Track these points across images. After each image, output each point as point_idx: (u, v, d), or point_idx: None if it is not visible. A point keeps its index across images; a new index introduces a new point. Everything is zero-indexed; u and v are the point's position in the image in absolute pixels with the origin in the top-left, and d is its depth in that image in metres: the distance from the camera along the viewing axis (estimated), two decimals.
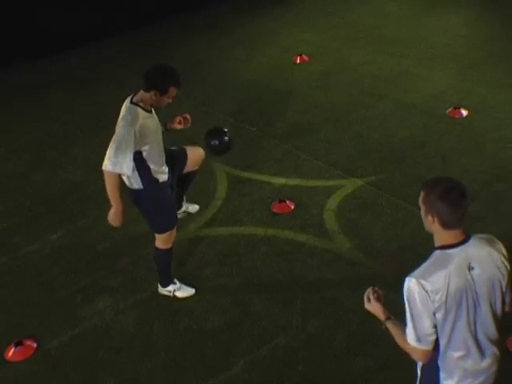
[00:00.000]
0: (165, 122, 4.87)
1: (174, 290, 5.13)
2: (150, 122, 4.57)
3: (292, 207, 6.06)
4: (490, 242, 2.95)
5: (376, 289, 3.15)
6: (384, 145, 6.95)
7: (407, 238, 5.56)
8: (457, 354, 2.93)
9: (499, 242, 2.99)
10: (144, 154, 4.54)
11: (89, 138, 7.49)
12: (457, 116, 7.34)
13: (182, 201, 5.76)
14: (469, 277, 2.84)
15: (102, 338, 4.84)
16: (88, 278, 5.43)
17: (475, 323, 2.91)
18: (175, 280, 5.15)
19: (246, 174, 6.62)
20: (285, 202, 6.09)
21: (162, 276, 5.13)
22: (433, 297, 2.80)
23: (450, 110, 7.42)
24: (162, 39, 10.03)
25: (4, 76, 9.06)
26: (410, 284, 2.83)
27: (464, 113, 7.36)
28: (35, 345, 4.79)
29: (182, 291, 5.14)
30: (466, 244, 2.87)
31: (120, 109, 4.64)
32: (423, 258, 3.06)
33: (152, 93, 4.49)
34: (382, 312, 3.09)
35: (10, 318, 5.10)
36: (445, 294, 2.81)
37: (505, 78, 8.09)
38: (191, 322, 4.92)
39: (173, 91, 4.53)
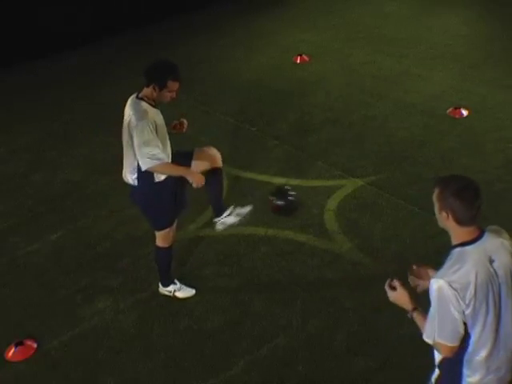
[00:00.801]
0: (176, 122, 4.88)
1: (175, 291, 5.14)
2: (156, 115, 4.59)
3: None
4: (499, 233, 3.02)
5: (398, 278, 3.10)
6: (384, 145, 6.95)
7: (407, 237, 5.56)
8: (483, 350, 2.93)
9: (505, 231, 3.05)
10: None
11: (89, 138, 7.49)
12: (457, 116, 7.34)
13: (220, 205, 5.31)
14: (491, 270, 2.88)
15: (102, 338, 4.84)
16: (88, 278, 5.43)
17: (499, 316, 2.92)
18: (175, 280, 5.16)
19: (246, 174, 6.62)
20: None
21: (162, 275, 5.13)
22: (462, 294, 2.81)
23: (450, 109, 7.42)
24: (162, 39, 10.03)
25: (4, 76, 9.06)
26: (439, 285, 2.83)
27: (464, 113, 7.36)
28: (35, 345, 4.80)
29: (183, 291, 5.15)
30: (483, 239, 2.92)
31: (120, 109, 4.66)
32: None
33: (152, 87, 4.52)
34: (410, 300, 3.06)
35: (10, 318, 5.10)
36: (473, 289, 2.82)
37: (505, 78, 8.09)
38: (191, 322, 4.92)
39: (172, 85, 4.53)
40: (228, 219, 5.29)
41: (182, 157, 4.88)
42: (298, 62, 9.02)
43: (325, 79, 8.49)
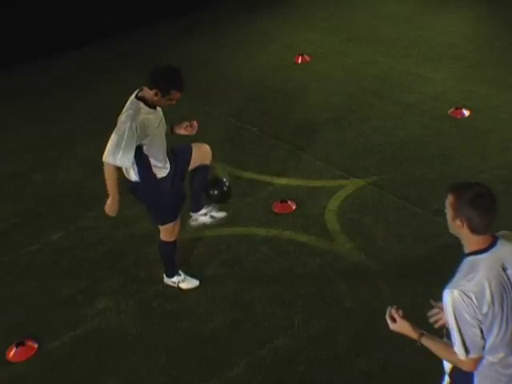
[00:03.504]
0: (171, 124, 4.89)
1: (179, 282, 5.19)
2: (153, 117, 4.61)
3: (293, 207, 6.05)
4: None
5: (396, 307, 3.03)
6: (385, 145, 6.94)
7: (409, 237, 5.54)
8: (494, 359, 2.87)
9: None
10: (144, 148, 4.60)
11: (89, 138, 7.47)
12: (459, 116, 7.33)
13: (200, 201, 5.28)
14: (505, 278, 2.82)
15: (103, 338, 4.83)
16: (89, 279, 5.42)
17: None
18: (180, 272, 5.20)
19: (247, 174, 6.61)
20: (286, 202, 6.07)
21: (167, 267, 5.19)
22: (479, 304, 2.74)
23: (451, 110, 7.40)
24: (163, 39, 10.01)
25: (4, 76, 9.05)
26: (454, 296, 2.74)
27: (466, 113, 7.35)
28: (36, 345, 4.78)
29: (187, 283, 5.19)
30: (496, 246, 2.85)
31: (120, 109, 4.68)
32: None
33: (154, 91, 4.54)
34: (413, 329, 2.97)
35: (11, 319, 5.09)
36: (490, 298, 2.75)
37: (506, 77, 8.07)
38: (192, 322, 4.91)
39: (174, 94, 4.57)
40: (202, 218, 5.31)
41: (182, 151, 4.97)
42: (299, 61, 9.00)
43: (326, 79, 8.48)
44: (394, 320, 3.02)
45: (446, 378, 3.11)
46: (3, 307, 5.22)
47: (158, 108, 4.69)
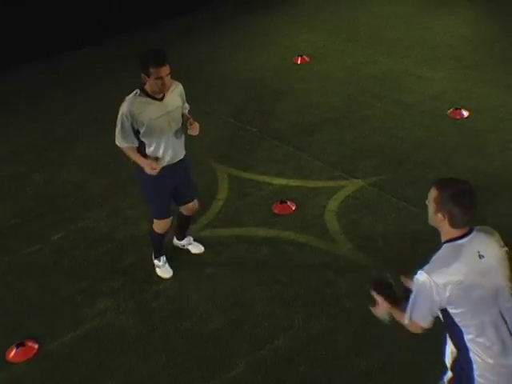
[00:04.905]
0: (187, 117, 4.90)
1: (157, 266, 5.36)
2: (153, 107, 4.64)
3: (293, 208, 6.06)
4: (490, 232, 3.08)
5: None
6: (385, 145, 6.94)
7: (408, 238, 5.55)
8: (491, 352, 2.96)
9: (495, 232, 3.11)
10: (140, 134, 4.71)
11: (89, 138, 7.49)
12: (458, 116, 7.34)
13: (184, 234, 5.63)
14: (480, 265, 2.92)
15: (103, 338, 4.84)
16: (89, 279, 5.42)
17: (502, 311, 2.95)
18: (162, 258, 5.34)
19: (246, 175, 6.62)
20: (286, 202, 6.08)
21: (153, 249, 5.37)
22: (444, 289, 2.86)
23: (451, 110, 7.41)
24: (163, 40, 10.00)
25: (5, 76, 9.05)
26: (422, 278, 2.91)
27: (465, 113, 7.35)
28: (36, 346, 4.79)
29: (161, 270, 5.35)
30: (471, 235, 2.97)
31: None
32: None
33: (143, 76, 4.58)
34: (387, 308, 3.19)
35: (11, 319, 5.09)
36: (458, 285, 2.87)
37: (506, 78, 8.08)
38: (192, 322, 4.92)
39: (155, 72, 4.50)
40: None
41: (185, 187, 5.15)
42: (299, 62, 9.01)
43: (325, 79, 8.48)
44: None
45: (449, 372, 3.16)
46: (3, 307, 5.22)
47: (168, 100, 4.70)
